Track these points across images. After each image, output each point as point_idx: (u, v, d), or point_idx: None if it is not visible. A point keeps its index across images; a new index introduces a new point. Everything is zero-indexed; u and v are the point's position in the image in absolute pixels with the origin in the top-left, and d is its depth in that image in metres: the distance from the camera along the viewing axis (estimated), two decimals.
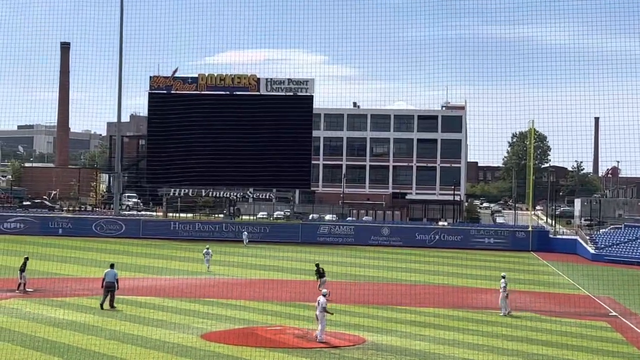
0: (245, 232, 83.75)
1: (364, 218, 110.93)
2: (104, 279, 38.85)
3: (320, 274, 45.40)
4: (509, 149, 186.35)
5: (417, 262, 68.51)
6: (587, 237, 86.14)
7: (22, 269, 44.39)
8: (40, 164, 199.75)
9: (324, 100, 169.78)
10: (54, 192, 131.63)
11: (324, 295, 31.36)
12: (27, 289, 44.39)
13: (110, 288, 38.39)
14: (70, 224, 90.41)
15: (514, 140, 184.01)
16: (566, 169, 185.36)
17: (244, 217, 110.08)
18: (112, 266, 39.85)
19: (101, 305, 38.09)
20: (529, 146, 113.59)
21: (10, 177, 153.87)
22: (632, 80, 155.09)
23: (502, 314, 39.17)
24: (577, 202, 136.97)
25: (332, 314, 31.53)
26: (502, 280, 39.73)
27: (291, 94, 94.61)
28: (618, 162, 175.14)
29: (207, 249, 58.87)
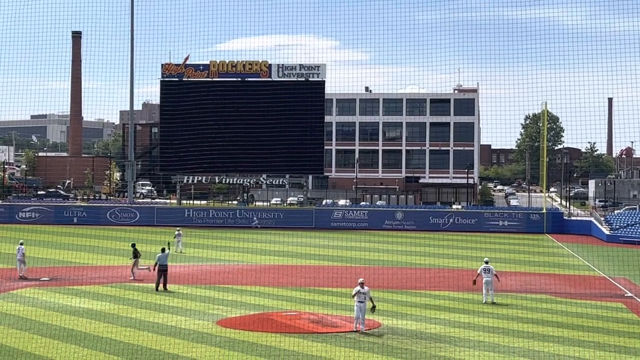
0: (256, 219, 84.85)
1: (378, 202, 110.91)
2: (156, 263, 40.77)
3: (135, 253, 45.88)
4: (522, 131, 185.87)
5: (431, 245, 68.48)
6: (602, 219, 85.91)
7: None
8: (54, 154, 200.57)
9: (335, 85, 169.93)
10: (68, 181, 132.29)
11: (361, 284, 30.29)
12: (24, 275, 44.51)
13: (163, 270, 40.28)
14: (84, 213, 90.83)
15: (527, 122, 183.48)
16: (580, 150, 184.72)
17: (257, 203, 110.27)
18: (163, 250, 41.63)
19: (156, 287, 40.06)
20: (542, 128, 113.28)
21: (24, 166, 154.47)
22: None
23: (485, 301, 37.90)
24: (592, 184, 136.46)
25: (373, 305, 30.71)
26: (485, 264, 38.15)
27: (303, 79, 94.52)
28: (632, 142, 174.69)
29: (178, 230, 60.15)
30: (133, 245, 45.98)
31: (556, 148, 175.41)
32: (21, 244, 45.57)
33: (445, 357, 25.89)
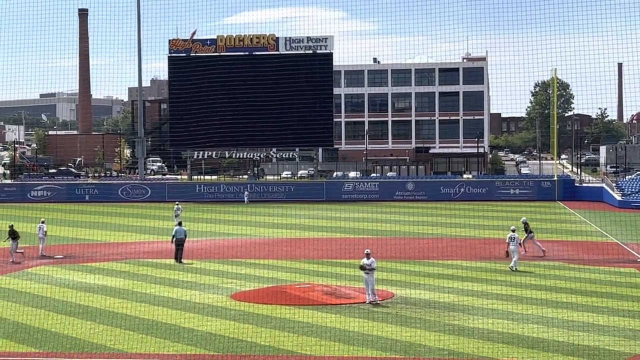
0: (247, 192, 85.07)
1: (388, 174, 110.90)
2: (173, 236, 41.66)
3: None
4: (531, 98, 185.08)
5: (442, 215, 68.44)
6: (614, 184, 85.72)
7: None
8: (64, 132, 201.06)
9: (343, 56, 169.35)
10: (79, 159, 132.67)
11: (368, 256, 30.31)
12: (44, 254, 44.67)
13: (179, 244, 41.22)
14: (96, 190, 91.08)
15: (537, 89, 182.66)
16: (590, 116, 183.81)
17: (268, 177, 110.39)
18: (180, 224, 42.97)
19: (175, 259, 41.22)
20: (552, 95, 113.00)
21: (35, 145, 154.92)
22: None
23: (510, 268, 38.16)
24: (602, 150, 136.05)
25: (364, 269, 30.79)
26: (512, 233, 38.32)
27: (310, 52, 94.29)
28: None
29: (177, 204, 60.70)
30: (11, 227, 43.09)
31: (566, 115, 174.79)
32: (42, 222, 45.68)
33: (458, 326, 25.97)
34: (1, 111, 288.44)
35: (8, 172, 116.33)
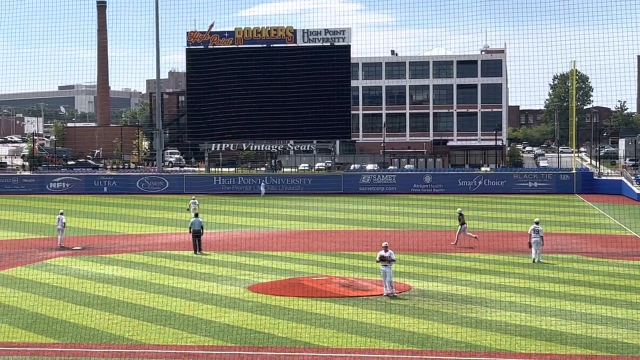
0: (264, 184, 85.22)
1: (406, 166, 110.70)
2: (190, 227, 42.44)
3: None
4: (550, 91, 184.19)
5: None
6: (633, 178, 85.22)
7: None
8: (82, 124, 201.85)
9: (361, 49, 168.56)
10: (97, 151, 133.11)
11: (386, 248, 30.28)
12: (63, 245, 44.61)
13: (196, 235, 41.96)
14: (114, 182, 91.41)
15: (556, 82, 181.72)
16: (609, 109, 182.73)
17: (285, 169, 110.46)
18: (196, 215, 43.79)
19: (194, 250, 41.75)
20: (570, 87, 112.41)
21: (53, 137, 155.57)
22: None
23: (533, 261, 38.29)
24: (622, 143, 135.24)
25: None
26: (535, 225, 38.50)
27: (328, 44, 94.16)
28: None
29: (194, 199, 60.71)
30: None
31: (585, 107, 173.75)
32: (61, 213, 45.88)
33: (476, 319, 25.93)
34: (20, 103, 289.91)
35: (27, 163, 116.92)
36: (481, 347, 22.40)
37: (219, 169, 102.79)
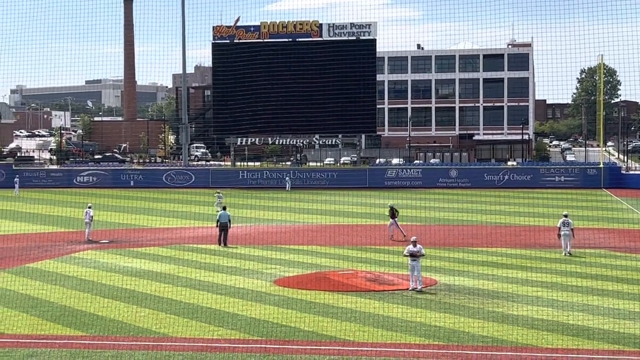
0: (288, 178, 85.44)
1: (432, 160, 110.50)
2: (218, 220, 42.80)
3: None
4: (577, 85, 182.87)
5: (486, 202, 68.11)
6: None
7: None
8: (109, 118, 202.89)
9: (387, 43, 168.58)
10: (123, 145, 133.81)
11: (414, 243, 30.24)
12: (90, 238, 44.84)
13: (224, 228, 42.31)
14: (141, 176, 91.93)
15: (583, 75, 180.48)
16: (637, 103, 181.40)
17: (310, 164, 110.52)
18: (224, 208, 44.31)
19: (219, 242, 42.24)
20: (598, 81, 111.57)
21: (80, 131, 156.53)
22: None
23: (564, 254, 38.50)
24: None
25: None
26: (564, 218, 39.01)
27: (354, 38, 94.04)
28: None
29: (219, 193, 60.74)
30: None
31: (613, 102, 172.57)
32: (89, 207, 46.19)
33: (502, 314, 25.86)
34: (47, 97, 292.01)
35: (55, 157, 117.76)
36: (507, 342, 22.34)
37: (245, 163, 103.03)
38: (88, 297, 28.95)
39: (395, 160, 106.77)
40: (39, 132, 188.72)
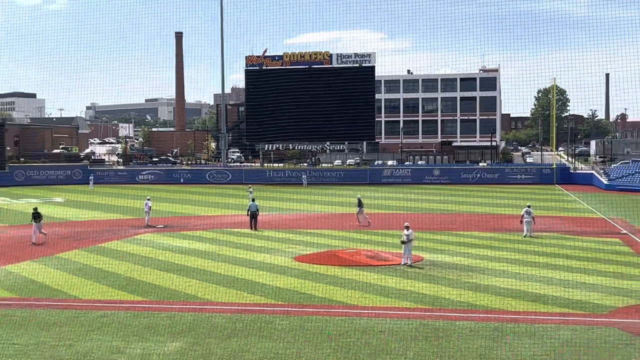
0: (305, 176, 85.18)
1: (419, 162, 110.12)
2: (248, 209, 42.86)
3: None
4: (535, 102, 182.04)
5: (462, 195, 67.97)
6: (601, 171, 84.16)
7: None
8: (163, 129, 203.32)
9: (383, 68, 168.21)
10: (175, 150, 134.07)
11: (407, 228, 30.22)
12: (149, 224, 44.77)
13: (253, 216, 42.22)
14: (189, 175, 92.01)
15: (539, 94, 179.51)
16: (583, 116, 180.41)
17: (323, 164, 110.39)
18: (253, 200, 44.01)
19: (250, 227, 41.93)
20: (551, 99, 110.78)
21: (141, 139, 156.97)
22: (637, 41, 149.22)
23: (523, 236, 38.55)
24: (593, 143, 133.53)
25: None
26: (527, 208, 39.25)
27: (357, 65, 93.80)
28: (626, 109, 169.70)
29: (250, 188, 60.38)
30: (35, 209, 37.50)
31: (563, 115, 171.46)
32: (148, 199, 46.39)
33: (475, 283, 25.81)
34: (115, 112, 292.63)
35: (121, 160, 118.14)
36: (479, 307, 22.30)
37: (271, 164, 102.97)
38: (147, 270, 29.06)
39: (390, 162, 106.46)
40: (108, 140, 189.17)
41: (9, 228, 42.25)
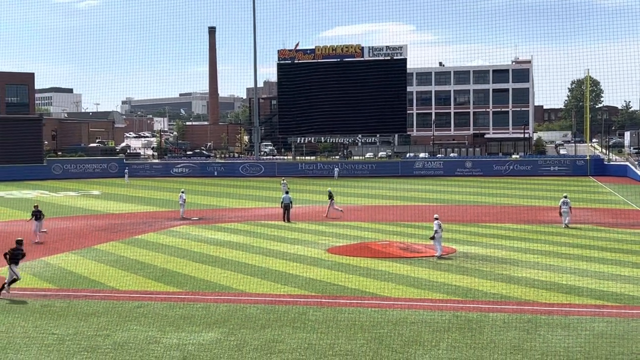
0: (336, 168, 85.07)
1: (451, 154, 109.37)
2: (282, 201, 43.13)
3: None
4: (568, 93, 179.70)
5: (495, 187, 67.40)
6: (636, 162, 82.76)
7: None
8: (197, 123, 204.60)
9: (415, 61, 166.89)
10: (209, 144, 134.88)
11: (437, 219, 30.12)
12: (184, 216, 44.98)
13: (286, 208, 42.46)
14: (222, 168, 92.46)
15: (573, 86, 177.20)
16: (617, 107, 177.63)
17: (354, 157, 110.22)
18: (287, 192, 44.47)
19: (283, 219, 42.10)
20: (585, 90, 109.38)
21: (176, 133, 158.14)
22: None
23: (563, 226, 38.40)
24: (627, 135, 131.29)
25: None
26: (564, 198, 39.04)
27: (388, 58, 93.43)
28: None
29: (284, 180, 60.77)
30: (36, 207, 36.40)
31: (597, 106, 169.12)
32: (182, 191, 46.74)
33: (508, 275, 25.60)
34: (150, 107, 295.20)
35: (156, 153, 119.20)
36: (512, 298, 22.12)
37: (303, 157, 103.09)
38: (182, 262, 29.29)
39: (421, 154, 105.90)
40: (143, 134, 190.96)
41: (47, 221, 42.84)
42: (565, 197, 39.32)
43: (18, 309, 21.57)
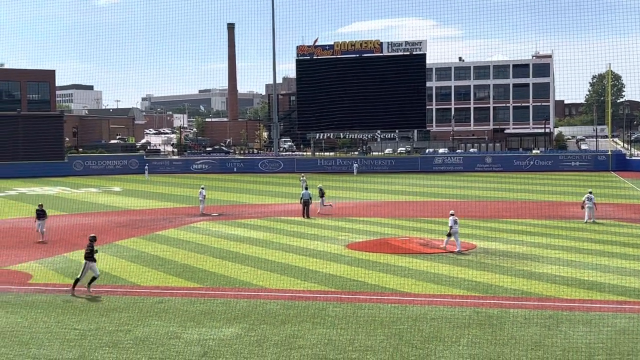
0: (356, 164, 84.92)
1: (471, 150, 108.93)
2: (301, 198, 43.20)
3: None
4: (589, 87, 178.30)
5: (515, 183, 66.94)
6: None
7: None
8: (216, 119, 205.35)
9: (434, 56, 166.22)
10: (228, 140, 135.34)
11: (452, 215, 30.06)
12: (204, 212, 45.06)
13: (306, 204, 42.53)
14: (242, 164, 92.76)
15: (594, 80, 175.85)
16: (639, 102, 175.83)
17: (374, 153, 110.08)
18: (306, 188, 44.16)
19: (302, 215, 42.16)
20: (606, 85, 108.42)
21: (195, 129, 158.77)
22: None
23: (584, 222, 38.10)
24: None
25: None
26: (588, 194, 38.75)
27: (408, 53, 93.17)
28: None
29: (303, 176, 60.60)
30: (40, 206, 35.64)
31: (619, 101, 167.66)
32: (202, 188, 46.87)
33: (529, 271, 25.45)
34: (170, 103, 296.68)
35: (176, 150, 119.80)
36: (533, 294, 21.99)
37: (322, 153, 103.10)
38: (202, 257, 29.40)
39: (441, 150, 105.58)
40: (163, 130, 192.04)
41: (69, 217, 43.22)
42: (590, 192, 39.06)
43: (40, 305, 21.78)
